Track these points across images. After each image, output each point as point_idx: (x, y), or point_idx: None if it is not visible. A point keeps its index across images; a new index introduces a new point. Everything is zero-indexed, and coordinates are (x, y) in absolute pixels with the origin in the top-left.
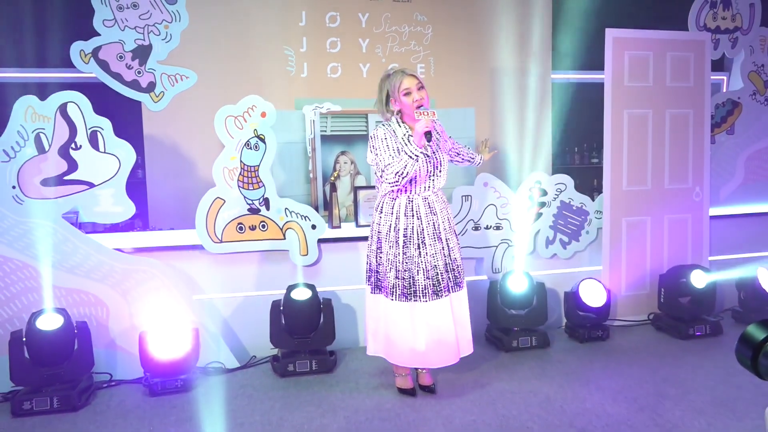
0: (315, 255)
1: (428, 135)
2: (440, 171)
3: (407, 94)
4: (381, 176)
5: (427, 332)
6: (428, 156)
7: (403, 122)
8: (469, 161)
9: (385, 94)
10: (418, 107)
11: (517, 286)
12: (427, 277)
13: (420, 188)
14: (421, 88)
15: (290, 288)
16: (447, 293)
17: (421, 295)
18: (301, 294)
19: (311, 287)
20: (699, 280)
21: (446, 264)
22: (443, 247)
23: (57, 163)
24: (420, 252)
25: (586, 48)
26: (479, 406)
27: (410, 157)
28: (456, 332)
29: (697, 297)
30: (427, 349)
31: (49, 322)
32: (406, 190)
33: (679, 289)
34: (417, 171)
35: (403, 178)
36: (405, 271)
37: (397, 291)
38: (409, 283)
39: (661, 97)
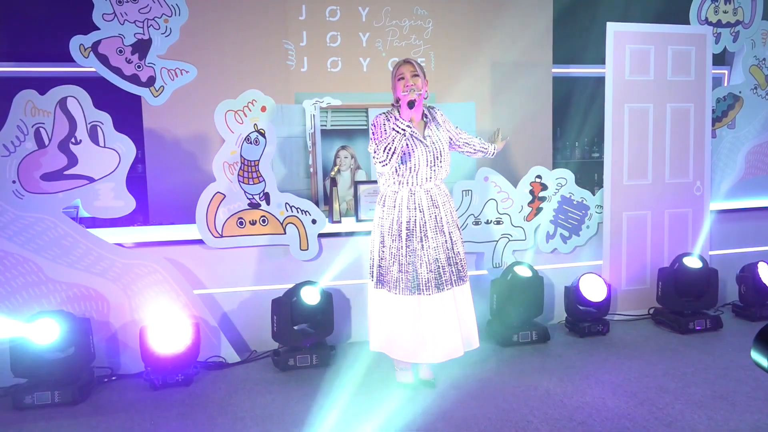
0: (315, 250)
1: (411, 104)
2: (441, 161)
3: (401, 79)
4: (376, 159)
5: (431, 326)
6: (427, 146)
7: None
8: (482, 152)
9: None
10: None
11: (517, 281)
12: (429, 270)
13: (421, 179)
14: (415, 75)
15: (299, 285)
16: (450, 287)
17: (424, 288)
18: (311, 291)
19: (316, 284)
20: (692, 262)
21: (449, 257)
22: (446, 240)
23: (57, 158)
24: (423, 245)
25: (587, 42)
26: (479, 400)
27: (396, 131)
28: (460, 326)
29: (696, 285)
30: (430, 343)
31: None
32: (408, 182)
33: (675, 277)
34: (417, 160)
35: (390, 155)
36: (408, 264)
37: (401, 285)
38: (413, 276)
39: (662, 91)
